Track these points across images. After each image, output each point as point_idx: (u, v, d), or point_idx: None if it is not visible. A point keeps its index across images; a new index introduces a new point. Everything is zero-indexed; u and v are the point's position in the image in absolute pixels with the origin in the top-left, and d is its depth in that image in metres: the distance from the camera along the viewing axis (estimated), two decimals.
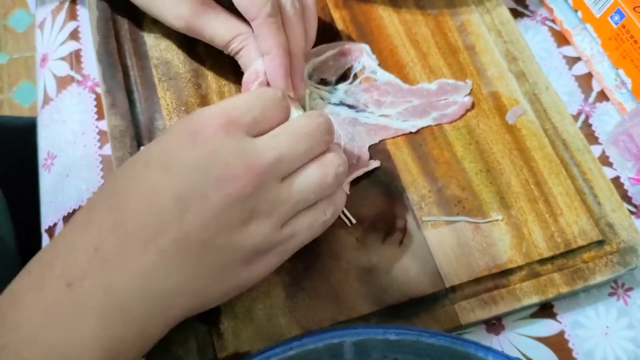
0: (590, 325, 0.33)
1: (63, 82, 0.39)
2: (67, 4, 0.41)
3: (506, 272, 0.32)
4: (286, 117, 0.28)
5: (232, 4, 0.31)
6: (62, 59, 0.39)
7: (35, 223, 0.41)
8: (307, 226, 0.28)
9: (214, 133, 0.25)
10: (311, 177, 0.27)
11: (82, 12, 0.41)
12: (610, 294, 0.34)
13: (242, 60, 0.33)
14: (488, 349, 0.25)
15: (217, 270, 0.25)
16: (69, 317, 0.23)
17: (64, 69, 0.39)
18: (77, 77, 0.38)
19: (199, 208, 0.24)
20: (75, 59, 0.39)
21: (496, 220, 0.33)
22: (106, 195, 0.26)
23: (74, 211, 0.35)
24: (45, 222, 0.36)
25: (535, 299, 0.31)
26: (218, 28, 0.32)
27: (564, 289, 0.31)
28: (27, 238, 0.51)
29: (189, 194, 0.24)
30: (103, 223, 0.25)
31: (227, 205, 0.24)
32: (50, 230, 0.35)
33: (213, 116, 0.25)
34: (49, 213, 0.36)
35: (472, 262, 0.32)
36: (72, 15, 0.41)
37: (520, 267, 0.32)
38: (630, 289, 0.34)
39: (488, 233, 0.33)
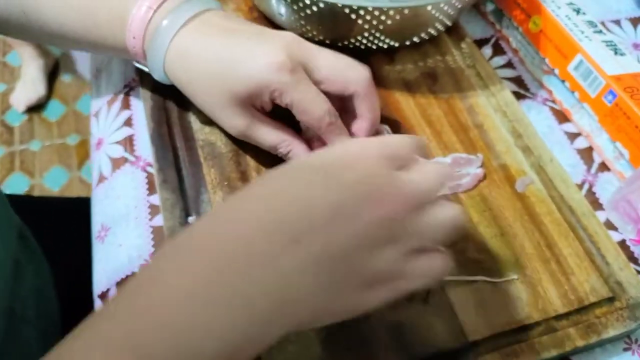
0: None
1: (117, 163, 0.44)
2: (121, 96, 0.47)
3: (525, 328, 0.34)
4: (425, 153, 0.31)
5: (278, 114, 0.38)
6: (117, 142, 0.45)
7: (79, 292, 0.44)
8: (423, 273, 0.29)
9: (372, 161, 0.28)
10: (441, 217, 0.29)
11: (135, 102, 0.46)
12: (625, 349, 0.36)
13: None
14: None
15: (344, 288, 0.26)
16: (205, 301, 0.24)
17: (118, 151, 0.44)
18: (131, 158, 0.43)
19: (349, 223, 0.26)
20: (129, 142, 0.44)
21: (513, 280, 0.36)
22: (261, 191, 0.27)
23: (127, 277, 0.38)
24: (99, 288, 0.39)
25: (553, 353, 0.33)
26: (266, 136, 0.38)
27: (580, 343, 0.34)
28: (70, 306, 0.54)
29: (343, 208, 0.26)
30: (255, 215, 0.26)
31: (372, 226, 0.26)
32: (103, 296, 0.39)
33: (373, 147, 0.28)
34: (102, 280, 0.39)
35: (492, 318, 0.34)
36: (126, 105, 0.46)
37: (537, 323, 0.34)
38: None
39: (505, 291, 0.35)
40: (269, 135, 0.38)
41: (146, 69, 0.41)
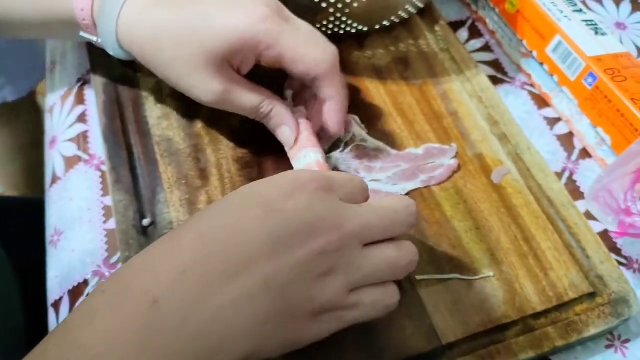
0: None
1: (71, 162, 0.41)
2: (75, 89, 0.44)
3: (501, 328, 0.32)
4: (366, 201, 0.30)
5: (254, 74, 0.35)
6: (71, 140, 0.42)
7: (42, 298, 0.42)
8: (371, 302, 0.28)
9: (314, 190, 0.27)
10: (388, 254, 0.28)
11: (90, 95, 0.44)
12: (608, 347, 0.34)
13: (272, 122, 0.36)
14: None
15: (285, 320, 0.26)
16: (147, 336, 0.23)
17: (71, 150, 0.41)
18: (84, 156, 0.41)
19: (287, 254, 0.25)
20: (82, 139, 0.42)
21: (488, 277, 0.34)
22: (196, 224, 0.26)
23: (79, 285, 0.36)
24: (52, 297, 0.37)
25: (531, 354, 0.31)
26: (246, 98, 0.35)
27: (559, 343, 0.32)
28: (35, 313, 0.52)
29: (281, 239, 0.25)
30: (191, 250, 0.25)
31: (312, 257, 0.26)
32: (56, 305, 0.36)
33: (315, 177, 0.28)
34: (55, 287, 0.37)
35: (467, 318, 0.32)
36: (80, 100, 0.44)
37: (514, 322, 0.32)
38: (627, 340, 0.34)
39: (481, 289, 0.33)
40: (250, 97, 0.35)
41: (100, 45, 0.37)
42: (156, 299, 0.24)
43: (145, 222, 0.35)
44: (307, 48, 0.34)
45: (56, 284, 0.37)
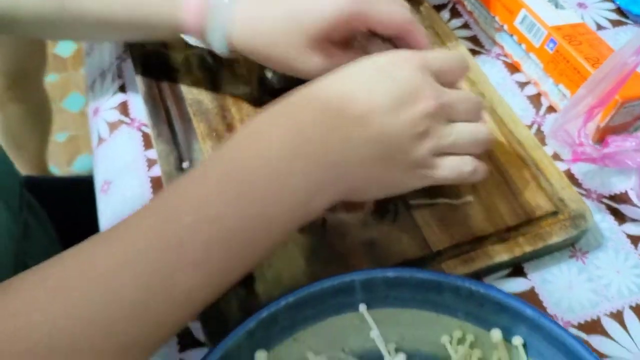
0: (556, 282, 0.40)
1: (114, 126, 0.48)
2: (114, 66, 0.52)
3: (480, 239, 0.39)
4: (463, 75, 0.37)
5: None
6: (113, 108, 0.49)
7: None
8: (450, 166, 0.35)
9: (416, 65, 0.33)
10: (470, 127, 0.35)
11: (127, 70, 0.51)
12: (570, 256, 0.41)
13: None
14: (465, 279, 0.32)
15: (393, 165, 0.33)
16: (295, 148, 0.30)
17: (114, 116, 0.49)
18: (127, 120, 0.48)
19: (400, 112, 0.32)
20: (123, 107, 0.49)
21: (469, 201, 0.41)
22: (330, 80, 0.33)
23: None
24: None
25: (505, 257, 0.38)
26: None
27: (528, 248, 0.39)
28: None
29: (396, 99, 0.32)
30: (329, 92, 0.33)
31: (417, 117, 0.32)
32: None
33: (413, 57, 0.34)
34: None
35: (452, 232, 0.39)
36: (119, 74, 0.51)
37: (491, 234, 0.40)
38: (586, 252, 0.42)
39: (463, 210, 0.41)
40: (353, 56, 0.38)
41: (199, 45, 0.42)
42: (301, 129, 0.31)
43: (185, 165, 0.42)
44: (390, 7, 0.38)
45: (108, 226, 0.44)
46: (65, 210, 0.62)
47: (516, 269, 0.40)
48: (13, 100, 1.06)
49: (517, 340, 0.32)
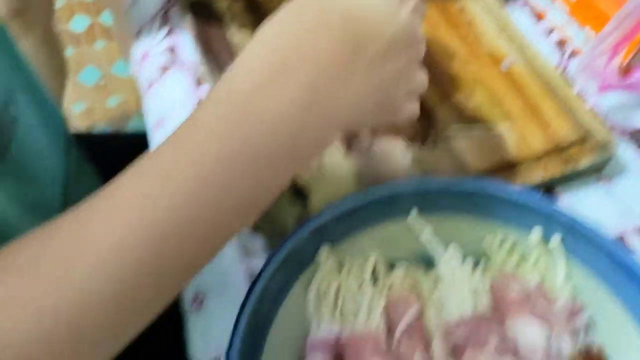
0: (584, 204, 0.43)
1: (164, 69, 0.51)
2: (159, 14, 0.54)
3: (514, 164, 0.43)
4: None
5: None
6: (162, 52, 0.52)
7: None
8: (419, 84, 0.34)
9: (413, 5, 0.32)
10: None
11: (173, 17, 0.54)
12: (597, 182, 0.45)
13: None
14: (506, 185, 0.36)
15: (392, 93, 0.32)
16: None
17: (164, 59, 0.51)
18: (176, 62, 0.51)
19: (407, 48, 0.31)
20: (171, 51, 0.52)
21: (505, 129, 0.44)
22: (340, 12, 0.30)
23: None
24: None
25: (537, 179, 0.42)
26: None
27: (558, 171, 0.42)
28: None
29: (397, 43, 0.31)
30: (335, 40, 0.29)
31: (415, 59, 0.33)
32: None
33: None
34: None
35: (488, 157, 0.43)
36: (165, 22, 0.54)
37: (524, 160, 0.43)
38: (611, 178, 0.45)
39: (499, 138, 0.44)
40: None
41: None
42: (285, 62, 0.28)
43: None
44: None
45: None
46: (107, 163, 0.64)
47: (547, 191, 0.44)
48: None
49: (555, 240, 0.36)
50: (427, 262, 0.37)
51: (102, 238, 0.25)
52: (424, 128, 0.44)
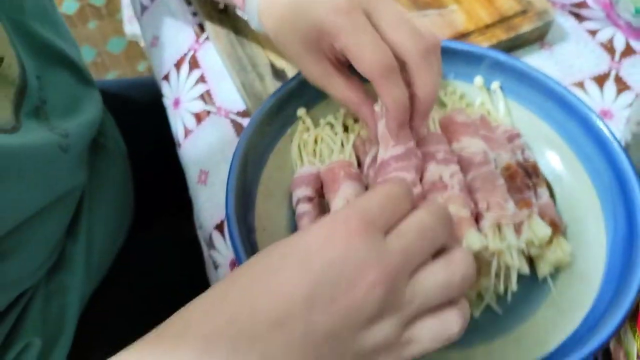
0: (530, 63, 0.49)
1: (199, 117, 0.51)
2: (188, 56, 0.54)
3: (465, 35, 0.49)
4: (411, 208, 0.28)
5: None
6: (195, 99, 0.52)
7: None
8: (431, 337, 0.27)
9: (350, 235, 0.26)
10: (437, 276, 0.27)
11: (204, 60, 0.53)
12: (540, 48, 0.51)
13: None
14: (454, 41, 0.42)
15: None
16: None
17: (198, 106, 0.51)
18: (213, 109, 0.51)
19: (329, 308, 0.25)
20: (207, 96, 0.52)
21: (454, 10, 0.50)
22: (242, 275, 0.27)
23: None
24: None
25: (487, 43, 0.48)
26: (336, 90, 0.38)
27: (504, 36, 0.48)
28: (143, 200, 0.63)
29: (321, 293, 0.25)
30: (237, 302, 0.26)
31: (356, 305, 0.25)
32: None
33: (350, 218, 0.26)
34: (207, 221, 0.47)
35: (442, 31, 0.49)
36: (195, 65, 0.53)
37: (473, 31, 0.49)
38: (553, 44, 0.51)
39: (449, 17, 0.50)
40: (339, 90, 0.37)
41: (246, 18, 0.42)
42: (208, 341, 0.25)
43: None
44: (362, 49, 0.33)
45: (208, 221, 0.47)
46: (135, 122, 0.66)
47: None
48: None
49: (495, 84, 0.42)
50: None
51: None
52: None
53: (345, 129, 0.42)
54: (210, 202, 0.48)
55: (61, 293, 0.48)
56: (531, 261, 0.36)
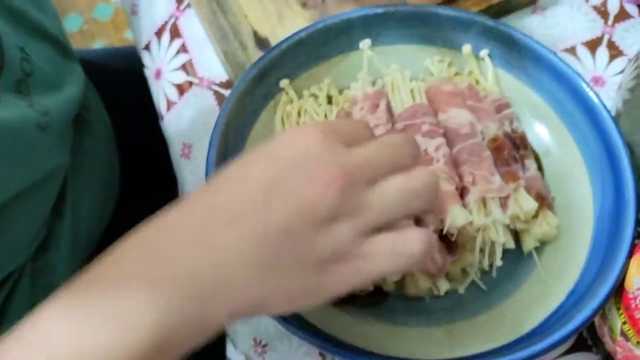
0: (522, 29, 0.47)
1: (181, 88, 0.49)
2: (169, 25, 0.52)
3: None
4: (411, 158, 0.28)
5: None
6: (177, 69, 0.50)
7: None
8: (389, 250, 0.26)
9: (314, 137, 0.26)
10: (397, 182, 0.27)
11: (185, 27, 0.51)
12: (532, 13, 0.49)
13: None
14: (440, 6, 0.40)
15: (289, 267, 0.25)
16: (150, 282, 0.24)
17: (180, 77, 0.50)
18: (195, 80, 0.49)
19: (287, 200, 0.25)
20: (189, 66, 0.50)
21: None
22: (212, 180, 0.28)
23: None
24: None
25: (477, 7, 0.46)
26: None
27: (495, 1, 0.46)
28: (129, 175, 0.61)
29: (278, 185, 0.25)
30: (200, 202, 0.26)
31: (314, 202, 0.25)
32: None
33: (317, 126, 0.27)
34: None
35: None
36: (176, 34, 0.51)
37: None
38: (545, 8, 0.49)
39: None
40: None
41: None
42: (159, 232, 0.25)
43: None
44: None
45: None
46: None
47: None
48: None
49: (484, 52, 0.41)
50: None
51: None
52: None
53: (329, 100, 0.41)
54: (193, 176, 0.47)
55: (49, 272, 0.48)
56: (517, 235, 0.36)
